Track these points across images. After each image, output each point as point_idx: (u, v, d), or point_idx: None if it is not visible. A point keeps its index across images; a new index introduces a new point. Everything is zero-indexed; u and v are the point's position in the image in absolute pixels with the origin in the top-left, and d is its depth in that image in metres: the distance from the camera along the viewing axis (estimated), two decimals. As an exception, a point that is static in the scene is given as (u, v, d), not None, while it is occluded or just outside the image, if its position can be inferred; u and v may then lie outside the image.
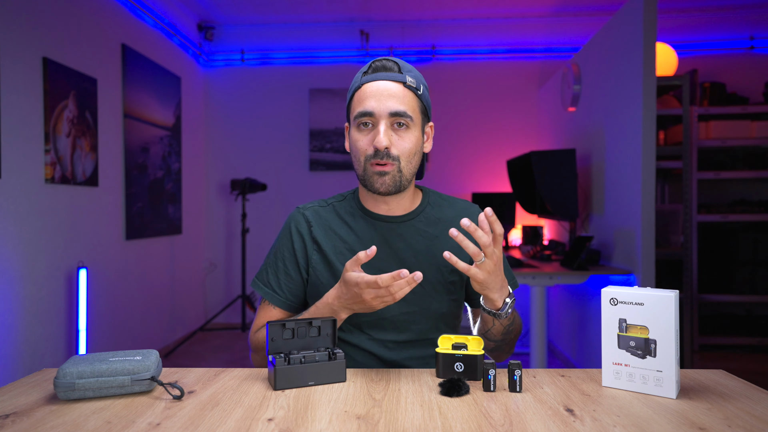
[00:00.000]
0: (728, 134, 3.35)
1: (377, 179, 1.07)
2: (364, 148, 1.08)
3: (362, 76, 1.11)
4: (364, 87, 1.09)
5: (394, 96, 1.06)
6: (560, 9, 4.33)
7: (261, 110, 4.74)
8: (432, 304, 1.13)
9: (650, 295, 0.88)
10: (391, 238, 1.14)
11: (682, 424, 0.77)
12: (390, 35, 4.63)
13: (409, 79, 1.09)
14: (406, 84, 1.08)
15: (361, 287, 0.96)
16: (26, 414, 0.81)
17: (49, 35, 2.72)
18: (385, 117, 1.06)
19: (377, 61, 1.11)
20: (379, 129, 1.06)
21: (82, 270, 2.86)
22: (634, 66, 2.64)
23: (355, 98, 1.11)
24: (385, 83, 1.07)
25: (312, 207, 1.20)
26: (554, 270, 2.81)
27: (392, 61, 1.10)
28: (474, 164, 4.64)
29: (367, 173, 1.08)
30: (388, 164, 1.06)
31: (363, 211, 1.17)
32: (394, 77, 1.08)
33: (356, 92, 1.11)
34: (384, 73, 1.09)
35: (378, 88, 1.07)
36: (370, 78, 1.09)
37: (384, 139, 1.05)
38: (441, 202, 1.22)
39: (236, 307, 4.69)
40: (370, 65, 1.11)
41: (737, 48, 4.30)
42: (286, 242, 1.18)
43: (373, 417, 0.80)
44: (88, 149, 3.02)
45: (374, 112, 1.06)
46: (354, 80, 1.14)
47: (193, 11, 4.41)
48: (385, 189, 1.08)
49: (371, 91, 1.07)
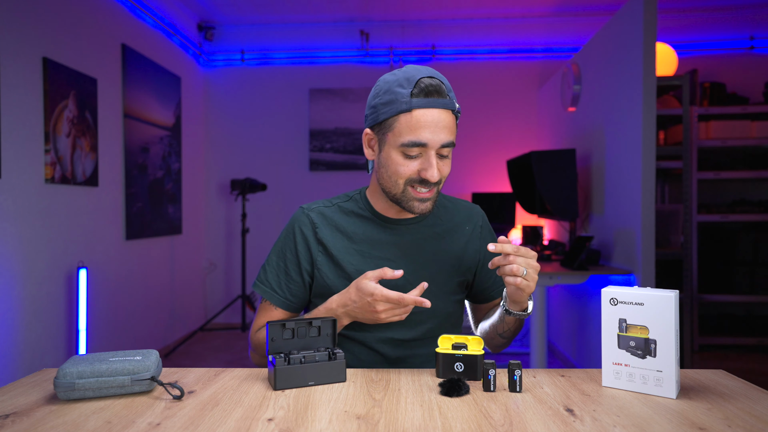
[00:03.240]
0: (728, 134, 3.35)
1: (419, 205, 1.07)
2: (409, 173, 1.05)
3: (410, 96, 1.01)
4: (416, 114, 1.00)
5: (446, 127, 1.02)
6: (560, 9, 4.33)
7: (261, 110, 4.74)
8: (439, 304, 1.14)
9: (650, 295, 0.88)
10: (399, 238, 1.15)
11: (682, 424, 0.77)
12: (390, 35, 4.63)
13: (456, 105, 1.05)
14: (454, 111, 1.05)
15: (376, 298, 0.98)
16: (26, 414, 0.81)
17: (49, 35, 2.72)
18: (437, 148, 1.03)
19: (426, 78, 1.01)
20: (432, 162, 1.02)
21: (82, 270, 2.86)
22: (634, 66, 2.64)
23: (402, 121, 1.02)
24: (439, 113, 1.01)
25: (317, 208, 1.19)
26: (554, 270, 2.81)
27: (438, 80, 1.03)
28: (474, 164, 4.64)
29: (406, 196, 1.07)
30: (431, 190, 1.07)
31: (373, 213, 1.16)
32: (446, 105, 1.02)
33: (403, 114, 1.01)
34: (438, 99, 1.01)
35: (434, 119, 1.01)
36: (424, 104, 1.00)
37: (437, 173, 1.03)
38: (446, 203, 1.23)
39: (236, 307, 4.69)
40: (417, 84, 1.01)
41: (737, 48, 4.30)
42: (289, 243, 1.18)
43: (373, 417, 0.80)
44: (88, 149, 3.02)
45: (428, 144, 1.01)
46: (393, 93, 1.03)
47: (193, 11, 4.41)
48: (426, 211, 1.09)
49: (426, 122, 1.00)
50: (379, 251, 1.14)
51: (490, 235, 1.24)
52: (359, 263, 1.13)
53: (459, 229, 1.20)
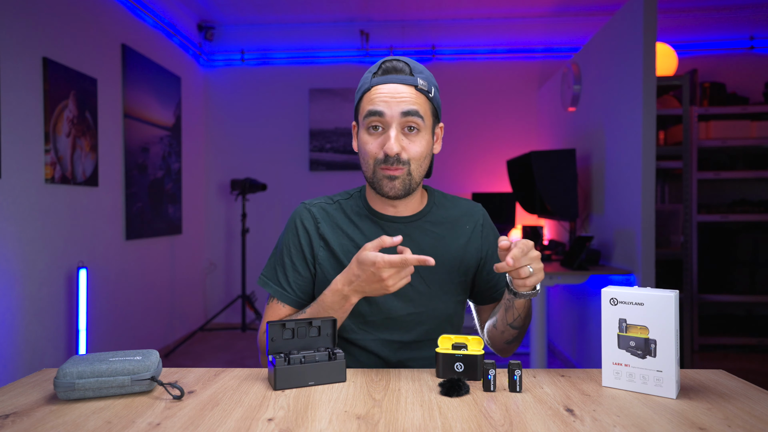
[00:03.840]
0: (728, 134, 3.34)
1: (387, 183, 1.06)
2: (374, 152, 1.06)
3: (372, 77, 1.07)
4: (374, 89, 1.05)
5: (405, 99, 1.03)
6: (560, 9, 4.33)
7: (261, 110, 4.74)
8: (439, 305, 1.13)
9: (650, 295, 0.88)
10: None
11: (682, 424, 0.77)
12: (390, 35, 4.63)
13: (420, 81, 1.05)
14: (417, 87, 1.05)
15: (378, 266, 0.96)
16: (26, 414, 0.81)
17: (49, 35, 2.72)
18: (396, 120, 1.03)
19: (388, 61, 1.07)
20: (390, 134, 1.03)
21: (82, 270, 2.86)
22: (634, 66, 2.64)
23: (364, 99, 1.07)
24: (395, 86, 1.04)
25: (318, 203, 1.19)
26: (554, 270, 2.81)
27: (403, 62, 1.07)
28: (474, 164, 4.64)
29: (376, 177, 1.07)
30: (398, 169, 1.05)
31: (369, 211, 1.16)
32: (405, 80, 1.04)
33: (366, 93, 1.07)
34: (395, 75, 1.05)
35: (389, 90, 1.04)
36: (381, 80, 1.05)
37: (395, 145, 1.02)
38: (445, 202, 1.21)
39: (236, 307, 4.69)
40: (380, 66, 1.07)
41: (737, 48, 4.30)
42: (292, 237, 1.16)
43: (373, 417, 0.80)
44: (88, 149, 3.02)
45: (385, 113, 1.03)
46: (362, 80, 1.10)
47: (193, 11, 4.41)
48: (395, 193, 1.07)
49: (382, 94, 1.04)
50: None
51: (492, 233, 1.21)
52: None
53: (459, 227, 1.18)
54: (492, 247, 1.20)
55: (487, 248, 1.19)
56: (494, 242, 1.20)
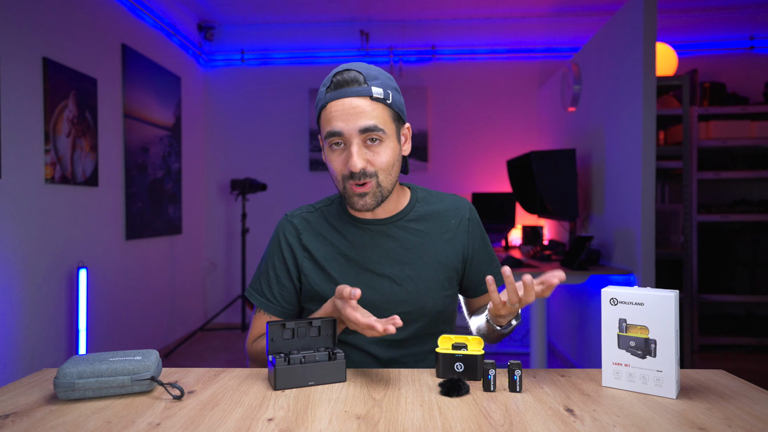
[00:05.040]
0: (728, 134, 3.34)
1: (358, 201, 1.05)
2: (340, 168, 1.04)
3: (326, 92, 1.03)
4: (329, 106, 1.02)
5: (361, 113, 1.00)
6: (560, 9, 4.33)
7: (261, 110, 4.74)
8: (428, 302, 1.13)
9: (650, 295, 0.88)
10: (382, 239, 1.14)
11: (682, 424, 0.77)
12: (390, 35, 4.63)
13: (375, 90, 1.02)
14: (372, 97, 1.02)
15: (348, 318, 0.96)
16: (26, 414, 0.81)
17: (49, 35, 2.72)
18: (356, 136, 1.01)
19: (339, 73, 1.03)
20: (352, 151, 1.01)
21: (82, 270, 2.86)
22: (634, 66, 2.64)
23: (322, 117, 1.04)
24: (350, 100, 1.01)
25: (300, 214, 1.19)
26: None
27: (355, 71, 1.02)
28: (474, 164, 4.64)
29: (347, 193, 1.06)
30: (366, 184, 1.03)
31: (350, 216, 1.16)
32: (359, 92, 1.01)
33: (322, 111, 1.04)
34: (347, 88, 1.01)
35: (344, 107, 1.01)
36: (334, 96, 1.02)
37: (358, 162, 1.01)
38: (430, 198, 1.20)
39: (236, 307, 4.69)
40: (331, 79, 1.03)
41: (737, 48, 4.30)
42: (275, 251, 1.18)
43: (373, 417, 0.80)
44: (88, 149, 3.02)
45: (344, 132, 1.01)
46: (318, 95, 1.06)
47: (193, 11, 4.41)
48: (367, 208, 1.07)
49: (337, 111, 1.01)
50: (362, 254, 1.13)
51: (478, 229, 1.20)
52: (344, 267, 1.12)
53: (444, 223, 1.17)
54: (478, 243, 1.20)
55: (472, 244, 1.18)
56: (480, 238, 1.20)
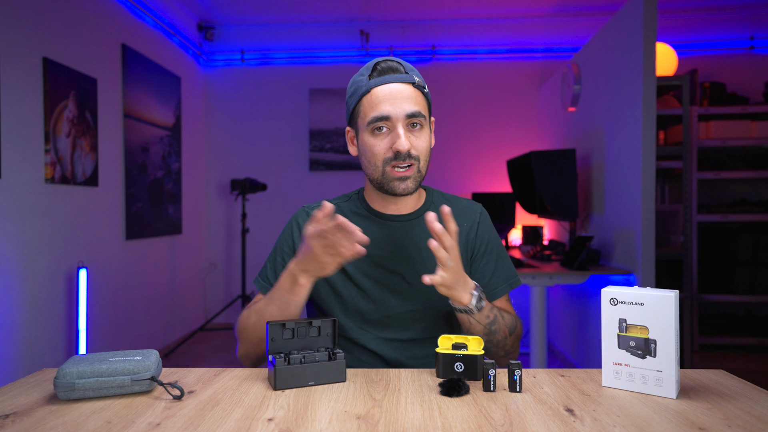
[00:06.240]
0: (728, 134, 3.34)
1: (399, 184, 1.08)
2: (383, 152, 1.07)
3: (368, 79, 1.08)
4: (374, 91, 1.07)
5: (407, 98, 1.06)
6: (560, 9, 4.33)
7: (261, 110, 4.74)
8: (436, 302, 1.13)
9: (650, 295, 0.88)
10: (398, 236, 1.15)
11: (682, 424, 0.77)
12: (390, 35, 4.63)
13: (416, 78, 1.09)
14: (415, 84, 1.08)
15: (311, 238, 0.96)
16: (26, 414, 0.81)
17: (49, 35, 2.72)
18: (402, 119, 1.06)
19: (382, 62, 1.09)
20: (399, 132, 1.05)
21: (82, 270, 2.86)
22: (634, 66, 2.64)
23: (364, 103, 1.08)
24: (396, 86, 1.07)
25: (316, 206, 1.20)
26: (554, 270, 2.81)
27: (395, 61, 1.09)
28: (474, 164, 4.64)
29: (386, 177, 1.08)
30: (409, 168, 1.07)
31: (370, 211, 1.17)
32: (403, 78, 1.07)
33: (364, 97, 1.08)
34: (393, 75, 1.07)
35: (391, 91, 1.06)
36: (380, 81, 1.07)
37: (406, 142, 1.05)
38: (444, 201, 1.23)
39: (236, 307, 4.69)
40: (374, 67, 1.09)
41: (737, 48, 4.30)
42: (286, 238, 1.19)
43: (373, 417, 0.80)
44: (88, 149, 3.02)
45: (391, 116, 1.05)
46: (356, 83, 1.11)
47: (193, 11, 4.41)
48: (408, 192, 1.09)
49: (384, 95, 1.06)
50: (375, 249, 1.13)
51: (486, 232, 1.21)
52: (356, 260, 1.12)
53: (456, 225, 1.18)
54: (483, 245, 1.20)
55: (478, 245, 1.19)
56: (487, 240, 1.20)
